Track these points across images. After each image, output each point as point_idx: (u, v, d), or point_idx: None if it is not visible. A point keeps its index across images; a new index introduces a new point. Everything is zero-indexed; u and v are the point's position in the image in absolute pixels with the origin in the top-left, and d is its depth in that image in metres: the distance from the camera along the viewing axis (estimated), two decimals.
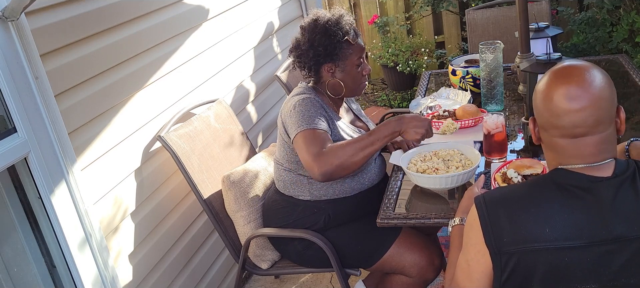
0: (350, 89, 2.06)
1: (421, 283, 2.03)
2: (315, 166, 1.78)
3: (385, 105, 4.88)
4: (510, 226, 1.16)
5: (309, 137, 1.84)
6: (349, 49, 1.99)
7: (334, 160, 1.77)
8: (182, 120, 2.35)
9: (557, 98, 1.13)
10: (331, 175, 1.79)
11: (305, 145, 1.83)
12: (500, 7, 3.41)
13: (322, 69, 2.02)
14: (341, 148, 1.79)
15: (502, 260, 1.16)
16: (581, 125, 1.12)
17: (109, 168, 2.02)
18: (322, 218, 2.03)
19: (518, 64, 2.42)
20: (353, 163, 1.79)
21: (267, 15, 3.35)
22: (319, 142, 1.83)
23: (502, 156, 1.97)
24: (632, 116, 2.17)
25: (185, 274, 2.41)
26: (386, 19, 4.97)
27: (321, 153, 1.79)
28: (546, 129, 1.18)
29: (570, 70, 1.15)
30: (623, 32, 3.69)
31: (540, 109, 1.18)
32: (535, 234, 1.13)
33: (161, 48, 2.35)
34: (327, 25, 1.97)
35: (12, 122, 1.65)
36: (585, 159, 1.15)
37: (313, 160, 1.79)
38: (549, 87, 1.15)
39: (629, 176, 1.13)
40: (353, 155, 1.78)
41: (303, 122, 1.88)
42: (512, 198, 1.19)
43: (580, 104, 1.11)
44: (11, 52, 1.63)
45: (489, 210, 1.18)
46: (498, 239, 1.16)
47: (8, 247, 1.83)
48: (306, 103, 1.94)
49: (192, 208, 2.46)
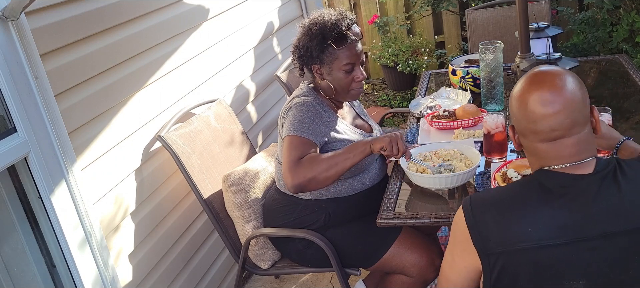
0: (339, 94, 2.03)
1: (421, 283, 2.03)
2: (289, 176, 1.80)
3: (385, 105, 4.88)
4: (495, 227, 1.19)
5: (292, 143, 1.86)
6: (333, 54, 1.96)
7: (307, 173, 1.78)
8: (182, 120, 2.35)
9: (532, 104, 1.17)
10: (303, 187, 1.80)
11: (287, 151, 1.85)
12: (500, 7, 3.42)
13: (312, 69, 2.02)
14: (317, 162, 1.80)
15: (490, 261, 1.20)
16: (558, 128, 1.15)
17: (109, 168, 2.02)
18: (323, 216, 2.03)
19: (518, 64, 2.42)
20: (326, 179, 1.80)
21: (267, 15, 3.35)
22: (300, 151, 1.84)
23: (502, 156, 1.97)
24: (632, 116, 2.18)
25: (185, 274, 2.41)
26: (386, 19, 4.97)
27: (297, 164, 1.81)
28: (525, 135, 1.22)
29: (541, 76, 1.19)
30: (623, 32, 3.69)
31: (518, 117, 1.22)
32: (519, 234, 1.16)
33: (161, 48, 2.35)
34: (311, 27, 1.96)
35: (12, 122, 1.65)
36: (565, 160, 1.18)
37: (288, 169, 1.81)
38: (523, 94, 1.19)
39: (609, 171, 1.16)
40: (326, 170, 1.79)
41: (292, 126, 1.89)
42: (497, 200, 1.22)
43: (555, 108, 1.15)
44: (11, 52, 1.62)
45: (474, 212, 1.22)
46: (484, 241, 1.19)
47: (8, 247, 1.83)
48: (302, 108, 1.94)
49: (192, 208, 2.47)
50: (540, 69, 1.22)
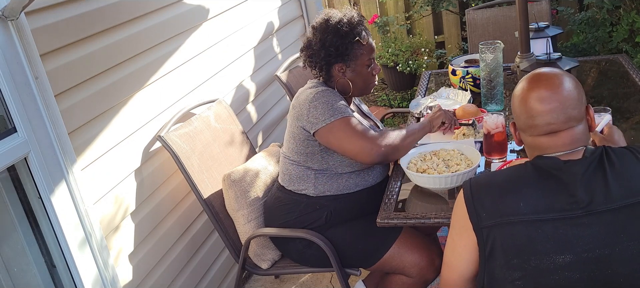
0: (360, 88, 2.09)
1: (421, 283, 2.03)
2: (369, 146, 1.88)
3: (385, 105, 4.88)
4: (490, 203, 1.30)
5: (348, 124, 1.92)
6: (360, 49, 2.01)
7: (388, 141, 1.90)
8: (182, 120, 2.36)
9: (531, 102, 1.30)
10: (387, 156, 1.91)
11: (348, 132, 1.90)
12: (500, 7, 3.42)
13: (333, 68, 2.03)
14: (388, 132, 1.93)
15: (483, 235, 1.29)
16: (553, 123, 1.28)
17: (109, 168, 2.02)
18: (324, 214, 2.03)
19: (518, 64, 2.42)
20: (404, 147, 1.95)
21: (267, 15, 3.35)
22: (359, 127, 1.92)
23: (502, 156, 1.97)
24: (632, 116, 2.18)
25: (185, 274, 2.41)
26: (386, 19, 4.97)
27: (373, 136, 1.90)
28: (525, 130, 1.34)
29: (540, 77, 1.32)
30: (623, 32, 3.69)
31: (518, 113, 1.35)
32: (510, 208, 1.27)
33: (161, 48, 2.35)
34: (338, 26, 1.99)
35: (12, 122, 1.65)
36: (559, 149, 1.29)
37: (367, 141, 1.88)
38: (524, 93, 1.32)
39: (596, 157, 1.27)
40: (403, 139, 1.94)
41: (335, 111, 1.92)
42: (494, 180, 1.34)
43: (551, 105, 1.27)
44: (11, 52, 1.62)
45: (473, 191, 1.33)
46: (479, 216, 1.30)
47: (8, 247, 1.83)
48: (327, 94, 1.97)
49: (192, 208, 2.47)
50: (541, 70, 1.35)
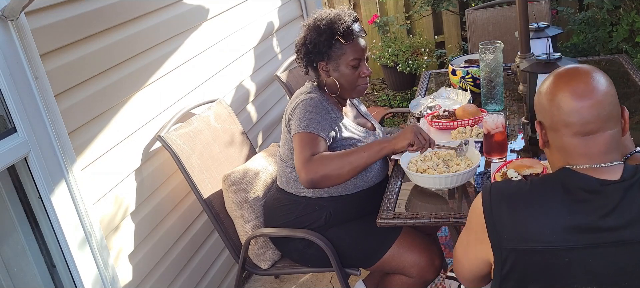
0: (346, 89, 2.04)
1: (421, 283, 2.03)
2: (302, 171, 1.80)
3: (385, 105, 4.88)
4: (510, 223, 1.17)
5: (304, 140, 1.86)
6: (341, 49, 1.98)
7: (321, 170, 1.79)
8: (182, 120, 2.35)
9: (565, 97, 1.15)
10: (317, 183, 1.81)
11: (299, 147, 1.85)
12: (500, 7, 3.41)
13: (318, 67, 2.03)
14: (330, 159, 1.81)
15: (502, 255, 1.19)
16: (593, 121, 1.13)
17: (109, 168, 2.02)
18: (324, 215, 2.03)
19: (518, 64, 2.42)
20: (339, 176, 1.81)
21: (267, 15, 3.35)
22: (313, 147, 1.84)
23: (502, 156, 1.97)
24: (632, 116, 2.18)
25: (185, 274, 2.41)
26: (386, 19, 4.97)
27: (311, 160, 1.81)
28: (556, 129, 1.18)
29: (575, 71, 1.18)
30: (623, 32, 3.69)
31: (549, 110, 1.19)
32: (535, 234, 1.14)
33: (161, 48, 2.35)
34: (317, 23, 1.98)
35: (12, 122, 1.65)
36: (593, 159, 1.15)
37: (302, 165, 1.81)
38: (557, 87, 1.17)
39: (637, 180, 1.13)
40: (340, 168, 1.80)
41: (302, 123, 1.89)
42: (517, 195, 1.20)
43: (591, 101, 1.13)
44: (11, 52, 1.62)
45: (492, 203, 1.20)
46: (499, 234, 1.18)
47: (8, 247, 1.83)
48: (310, 105, 1.94)
49: (192, 208, 2.46)
50: (573, 65, 1.22)
